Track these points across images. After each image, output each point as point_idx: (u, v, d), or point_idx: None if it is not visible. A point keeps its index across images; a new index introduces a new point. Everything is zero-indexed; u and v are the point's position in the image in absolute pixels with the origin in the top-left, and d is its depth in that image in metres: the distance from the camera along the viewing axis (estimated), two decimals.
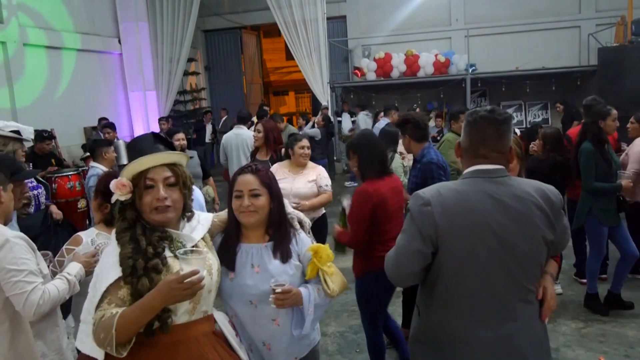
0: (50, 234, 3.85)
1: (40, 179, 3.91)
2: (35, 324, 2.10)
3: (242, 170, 1.96)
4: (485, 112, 1.70)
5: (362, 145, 3.02)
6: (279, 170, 4.02)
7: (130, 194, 1.68)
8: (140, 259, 1.60)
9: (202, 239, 1.82)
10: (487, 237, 1.62)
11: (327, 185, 3.98)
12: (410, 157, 4.37)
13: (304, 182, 3.95)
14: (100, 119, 8.64)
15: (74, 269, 2.15)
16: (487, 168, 1.69)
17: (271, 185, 1.95)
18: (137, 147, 1.73)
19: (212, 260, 1.80)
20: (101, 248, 2.24)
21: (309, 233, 2.07)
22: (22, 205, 3.01)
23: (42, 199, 4.02)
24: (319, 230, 3.91)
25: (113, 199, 1.69)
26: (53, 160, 6.00)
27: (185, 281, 1.49)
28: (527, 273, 1.66)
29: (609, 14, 10.71)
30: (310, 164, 4.12)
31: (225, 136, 6.08)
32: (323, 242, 4.08)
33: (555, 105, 9.29)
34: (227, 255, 1.91)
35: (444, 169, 3.38)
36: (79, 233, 2.37)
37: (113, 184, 1.66)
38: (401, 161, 4.71)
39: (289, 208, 2.05)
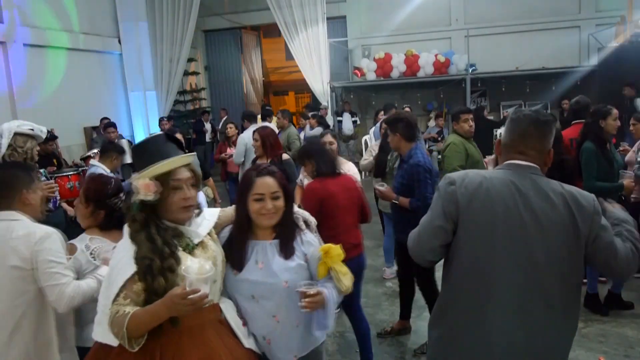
0: (72, 230, 3.87)
1: (47, 177, 3.95)
2: (57, 320, 2.16)
3: (260, 173, 1.96)
4: (529, 111, 1.79)
5: (315, 150, 3.41)
6: None
7: (157, 194, 1.72)
8: (156, 258, 1.67)
9: (208, 233, 1.91)
10: (503, 223, 1.65)
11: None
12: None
13: None
14: (103, 119, 8.65)
15: (104, 271, 2.19)
16: (520, 163, 1.74)
17: (286, 186, 1.99)
18: (154, 148, 1.80)
19: (217, 252, 1.87)
20: (97, 252, 2.26)
21: (315, 232, 2.09)
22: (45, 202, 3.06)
23: (58, 196, 4.05)
24: None
25: (134, 199, 1.71)
26: (54, 160, 6.01)
27: (189, 297, 1.56)
28: (545, 274, 1.63)
29: (609, 14, 10.70)
30: (342, 160, 4.16)
31: (244, 136, 5.97)
32: None
33: (562, 102, 9.15)
34: (236, 254, 1.94)
35: (430, 172, 3.46)
36: (71, 241, 2.37)
37: (141, 185, 1.69)
38: None
39: (294, 207, 2.09)
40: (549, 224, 1.63)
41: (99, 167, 4.36)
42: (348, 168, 4.06)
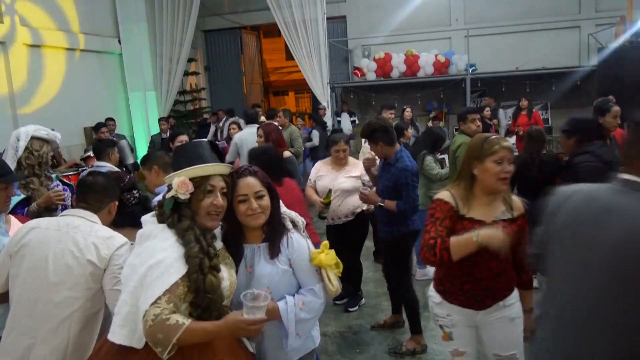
0: None
1: (65, 180, 3.94)
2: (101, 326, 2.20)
3: (241, 174, 1.95)
4: None
5: (257, 157, 3.38)
6: (321, 168, 4.37)
7: (189, 194, 1.77)
8: (205, 257, 1.72)
9: None
10: (592, 260, 1.36)
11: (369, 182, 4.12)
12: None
13: (346, 177, 4.21)
14: (107, 120, 8.63)
15: None
16: (629, 179, 1.39)
17: (270, 185, 1.98)
18: (198, 152, 1.86)
19: (231, 259, 1.91)
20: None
21: (304, 232, 2.07)
22: (50, 207, 3.07)
23: (69, 201, 4.04)
24: (358, 227, 4.31)
25: (168, 195, 1.77)
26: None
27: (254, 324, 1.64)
28: (613, 319, 1.31)
29: (609, 14, 10.70)
30: (354, 160, 4.35)
31: (238, 136, 5.99)
32: (362, 237, 4.44)
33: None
34: (233, 260, 1.94)
35: (417, 176, 3.59)
36: None
37: (177, 182, 1.75)
38: (434, 164, 4.71)
39: (282, 208, 2.07)
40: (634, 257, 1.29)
41: (105, 167, 4.38)
42: (362, 168, 4.16)
